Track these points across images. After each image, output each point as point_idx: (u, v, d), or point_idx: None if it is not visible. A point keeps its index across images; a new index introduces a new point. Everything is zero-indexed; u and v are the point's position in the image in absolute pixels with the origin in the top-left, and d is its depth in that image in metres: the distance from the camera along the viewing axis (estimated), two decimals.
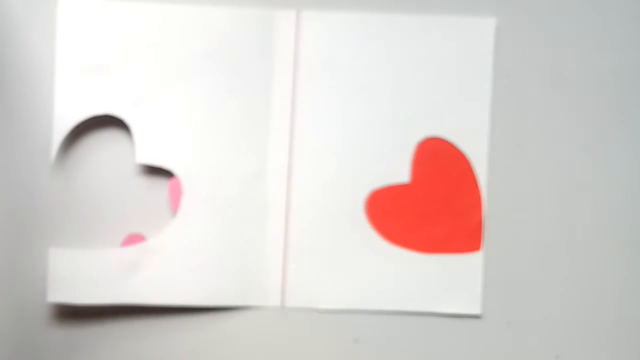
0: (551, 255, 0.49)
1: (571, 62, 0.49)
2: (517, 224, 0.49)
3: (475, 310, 0.48)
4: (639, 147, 0.49)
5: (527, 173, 0.49)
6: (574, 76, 0.49)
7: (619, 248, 0.49)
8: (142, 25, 0.47)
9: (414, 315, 0.48)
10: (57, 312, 0.47)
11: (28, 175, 0.47)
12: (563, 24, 0.49)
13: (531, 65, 0.49)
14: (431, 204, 0.48)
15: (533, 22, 0.49)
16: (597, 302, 0.49)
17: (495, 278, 0.49)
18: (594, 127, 0.49)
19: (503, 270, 0.49)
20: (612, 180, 0.49)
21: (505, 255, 0.49)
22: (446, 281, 0.48)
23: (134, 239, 0.47)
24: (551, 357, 0.49)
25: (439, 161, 0.48)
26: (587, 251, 0.49)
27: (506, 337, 0.49)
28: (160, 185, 0.48)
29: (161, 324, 0.48)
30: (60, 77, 0.47)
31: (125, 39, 0.47)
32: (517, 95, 0.49)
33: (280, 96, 0.48)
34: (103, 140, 0.48)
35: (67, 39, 0.47)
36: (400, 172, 0.48)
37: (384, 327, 0.48)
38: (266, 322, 0.48)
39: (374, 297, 0.48)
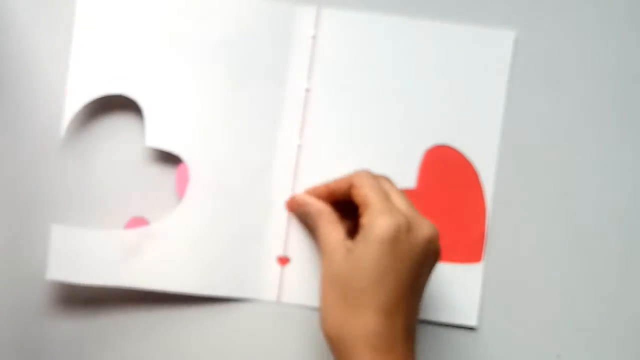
0: (553, 272, 0.49)
1: (587, 82, 0.49)
2: (520, 238, 0.49)
3: (472, 321, 0.48)
4: None
5: (533, 188, 0.49)
6: (589, 95, 0.49)
7: (620, 260, 0.49)
8: (162, 10, 0.47)
9: None
10: (55, 290, 0.47)
11: (37, 151, 0.47)
12: (582, 41, 0.49)
13: (547, 80, 0.49)
14: (435, 212, 0.48)
15: (552, 38, 0.49)
16: (596, 323, 0.49)
17: (494, 291, 0.48)
18: (608, 146, 0.49)
19: (502, 284, 0.48)
20: (619, 200, 0.49)
21: (505, 268, 0.48)
22: (444, 290, 0.48)
23: (138, 222, 0.48)
24: None
25: (447, 169, 0.48)
26: (589, 271, 0.49)
27: (501, 352, 0.49)
28: (168, 171, 0.48)
29: (155, 311, 0.48)
30: (76, 54, 0.47)
31: (144, 21, 0.47)
32: (530, 110, 0.49)
33: (294, 92, 0.48)
34: (114, 122, 0.48)
35: (87, 17, 0.47)
36: (406, 177, 0.48)
37: None
38: (261, 315, 0.48)
39: None
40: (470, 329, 0.48)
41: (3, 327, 0.47)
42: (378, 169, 0.48)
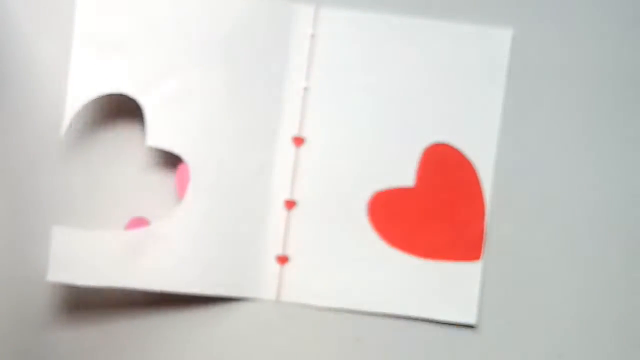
0: (554, 270, 0.49)
1: (586, 80, 0.49)
2: (519, 236, 0.48)
3: (471, 320, 0.48)
4: None
5: (532, 186, 0.49)
6: (588, 94, 0.49)
7: (621, 258, 0.49)
8: (161, 8, 0.47)
9: (409, 320, 0.48)
10: (56, 292, 0.48)
11: (37, 151, 0.48)
12: (581, 39, 0.49)
13: (546, 79, 0.49)
14: (434, 210, 0.48)
15: (550, 36, 0.48)
16: (596, 327, 0.49)
17: (493, 289, 0.48)
18: (607, 145, 0.49)
19: (502, 282, 0.48)
20: (618, 198, 0.49)
21: (505, 266, 0.48)
22: (443, 288, 0.48)
23: (138, 222, 0.48)
24: None
25: (446, 167, 0.48)
26: (591, 270, 0.49)
27: (501, 350, 0.49)
28: (169, 171, 0.48)
29: (154, 310, 0.48)
30: (76, 53, 0.47)
31: (144, 20, 0.47)
32: (528, 108, 0.49)
33: (292, 91, 0.48)
34: (115, 121, 0.48)
35: (86, 16, 0.47)
36: (405, 176, 0.48)
37: (379, 329, 0.48)
38: (261, 314, 0.48)
39: (370, 299, 0.48)
40: (470, 327, 0.48)
41: (4, 329, 0.48)
42: (377, 167, 0.48)
